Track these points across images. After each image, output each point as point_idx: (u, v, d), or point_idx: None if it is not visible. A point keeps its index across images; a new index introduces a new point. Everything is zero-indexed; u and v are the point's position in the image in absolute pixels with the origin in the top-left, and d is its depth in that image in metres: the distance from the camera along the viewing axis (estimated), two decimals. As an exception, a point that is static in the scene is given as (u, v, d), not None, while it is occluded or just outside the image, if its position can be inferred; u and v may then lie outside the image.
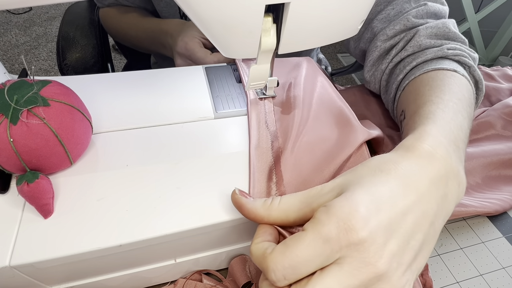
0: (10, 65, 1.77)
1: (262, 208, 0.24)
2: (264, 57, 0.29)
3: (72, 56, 0.62)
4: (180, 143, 0.33)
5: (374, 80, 0.46)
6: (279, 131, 0.34)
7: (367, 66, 0.46)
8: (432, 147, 0.26)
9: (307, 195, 0.24)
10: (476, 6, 1.65)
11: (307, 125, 0.35)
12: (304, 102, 0.37)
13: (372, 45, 0.46)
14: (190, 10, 0.24)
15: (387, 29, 0.44)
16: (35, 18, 2.09)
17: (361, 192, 0.22)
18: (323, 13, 0.26)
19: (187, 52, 0.49)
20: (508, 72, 0.60)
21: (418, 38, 0.41)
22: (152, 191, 0.29)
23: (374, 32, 0.46)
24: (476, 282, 0.35)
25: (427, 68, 0.39)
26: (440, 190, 0.24)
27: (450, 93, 0.33)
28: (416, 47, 0.41)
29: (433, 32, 0.41)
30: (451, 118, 0.30)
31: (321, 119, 0.35)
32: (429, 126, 0.28)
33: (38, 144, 0.26)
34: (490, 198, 0.40)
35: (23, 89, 0.26)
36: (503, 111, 0.49)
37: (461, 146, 0.29)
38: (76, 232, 0.26)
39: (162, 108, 0.36)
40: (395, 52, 0.43)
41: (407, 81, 0.39)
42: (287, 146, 0.33)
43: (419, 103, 0.34)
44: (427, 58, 0.40)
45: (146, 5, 0.66)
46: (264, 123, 0.35)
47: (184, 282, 0.32)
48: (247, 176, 0.31)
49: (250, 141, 0.33)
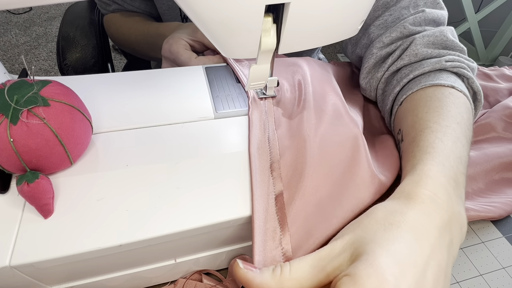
0: (10, 65, 1.77)
1: (273, 280, 0.23)
2: (264, 57, 0.29)
3: (72, 56, 0.62)
4: (180, 143, 0.33)
5: (370, 88, 0.45)
6: (277, 132, 0.34)
7: (362, 73, 0.46)
8: (433, 192, 0.26)
9: (318, 258, 0.23)
10: (476, 6, 1.65)
11: (311, 131, 0.34)
12: (309, 106, 0.37)
13: (368, 52, 0.45)
14: (190, 11, 0.24)
15: (383, 36, 0.43)
16: (35, 18, 2.09)
17: (383, 255, 0.22)
18: (323, 13, 0.26)
19: (171, 55, 0.48)
20: (506, 72, 0.60)
21: (415, 46, 0.40)
22: (152, 191, 0.29)
23: (370, 38, 0.45)
24: (476, 282, 0.35)
25: (424, 83, 0.38)
26: (447, 238, 0.25)
27: (449, 118, 0.33)
28: (413, 56, 0.41)
29: (430, 40, 0.41)
30: (450, 149, 0.30)
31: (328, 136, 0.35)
32: (428, 166, 0.28)
33: (38, 144, 0.26)
34: (494, 202, 0.40)
35: (23, 89, 0.26)
36: (504, 112, 0.49)
37: (460, 181, 0.29)
38: (76, 232, 0.26)
39: (162, 108, 0.36)
40: (391, 61, 0.42)
41: (404, 96, 0.39)
42: (287, 157, 0.32)
43: (417, 128, 0.33)
44: (424, 71, 0.39)
45: (151, 9, 0.65)
46: (265, 123, 0.35)
47: (184, 282, 0.32)
48: (247, 176, 0.31)
49: (250, 142, 0.33)
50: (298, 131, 0.34)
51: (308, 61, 0.44)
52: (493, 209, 0.39)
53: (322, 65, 0.47)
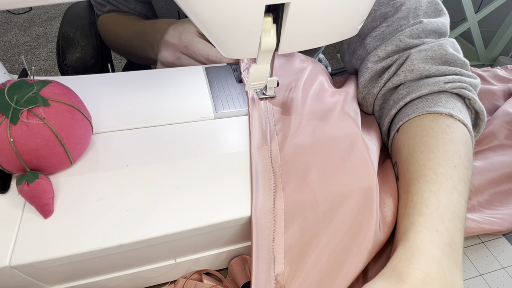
0: (10, 65, 1.77)
1: None
2: (264, 57, 0.29)
3: (72, 56, 0.62)
4: (180, 143, 0.33)
5: (366, 104, 0.43)
6: (277, 131, 0.34)
7: (359, 88, 0.44)
8: (425, 272, 0.26)
9: None
10: (476, 6, 1.65)
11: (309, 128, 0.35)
12: (303, 108, 0.37)
13: (363, 65, 0.43)
14: (190, 11, 0.24)
15: (378, 50, 0.41)
16: (35, 18, 2.09)
17: None
18: (323, 13, 0.26)
19: (182, 42, 0.44)
20: (498, 73, 0.59)
21: (411, 62, 0.38)
22: (152, 191, 0.29)
23: (366, 50, 0.43)
24: (476, 282, 0.35)
25: (422, 110, 0.36)
26: None
27: (445, 161, 0.32)
28: (409, 72, 0.39)
29: (428, 55, 0.38)
30: (445, 206, 0.30)
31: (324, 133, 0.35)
32: (420, 236, 0.28)
33: (38, 144, 0.26)
34: (501, 213, 0.39)
35: (23, 89, 0.26)
36: (504, 119, 0.48)
37: (457, 241, 0.29)
38: (76, 232, 0.26)
39: (162, 108, 0.36)
40: (387, 77, 0.40)
41: (400, 122, 0.37)
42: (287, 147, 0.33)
43: (412, 175, 0.33)
44: (422, 94, 0.37)
45: (147, 12, 0.64)
46: (265, 123, 0.35)
47: (184, 282, 0.32)
48: (247, 176, 0.31)
49: (251, 141, 0.33)
50: (299, 129, 0.34)
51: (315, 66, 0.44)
52: (499, 221, 0.38)
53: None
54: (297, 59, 0.45)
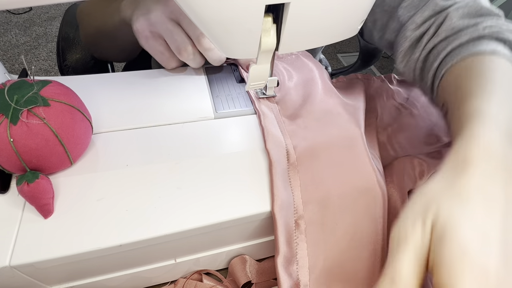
0: (10, 65, 1.77)
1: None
2: (264, 57, 0.29)
3: (72, 57, 0.62)
4: (180, 143, 0.33)
5: (408, 70, 0.44)
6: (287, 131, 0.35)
7: (398, 58, 0.44)
8: (487, 152, 0.26)
9: (413, 250, 0.23)
10: (476, 6, 1.65)
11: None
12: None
13: (401, 35, 0.43)
14: (190, 10, 0.24)
15: (415, 17, 0.41)
16: (35, 18, 2.09)
17: (466, 234, 0.22)
18: (323, 13, 0.26)
19: (172, 14, 0.37)
20: None
21: (450, 21, 0.39)
22: (152, 191, 0.29)
23: (401, 22, 0.44)
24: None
25: (464, 53, 0.36)
26: (509, 196, 0.24)
27: (492, 83, 0.32)
28: (449, 30, 0.39)
29: (465, 12, 0.39)
30: (497, 110, 0.29)
31: None
32: (476, 127, 0.28)
33: (38, 144, 0.26)
34: None
35: (23, 89, 0.26)
36: None
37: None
38: (76, 232, 0.26)
39: (162, 108, 0.36)
40: (427, 39, 0.41)
41: (443, 69, 0.38)
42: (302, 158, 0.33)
43: (461, 97, 0.32)
44: (462, 41, 0.38)
45: None
46: (278, 118, 0.36)
47: (184, 282, 0.32)
48: (247, 176, 0.31)
49: (266, 136, 0.33)
50: (307, 127, 0.35)
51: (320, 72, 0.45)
52: None
53: None
54: (303, 59, 0.45)
